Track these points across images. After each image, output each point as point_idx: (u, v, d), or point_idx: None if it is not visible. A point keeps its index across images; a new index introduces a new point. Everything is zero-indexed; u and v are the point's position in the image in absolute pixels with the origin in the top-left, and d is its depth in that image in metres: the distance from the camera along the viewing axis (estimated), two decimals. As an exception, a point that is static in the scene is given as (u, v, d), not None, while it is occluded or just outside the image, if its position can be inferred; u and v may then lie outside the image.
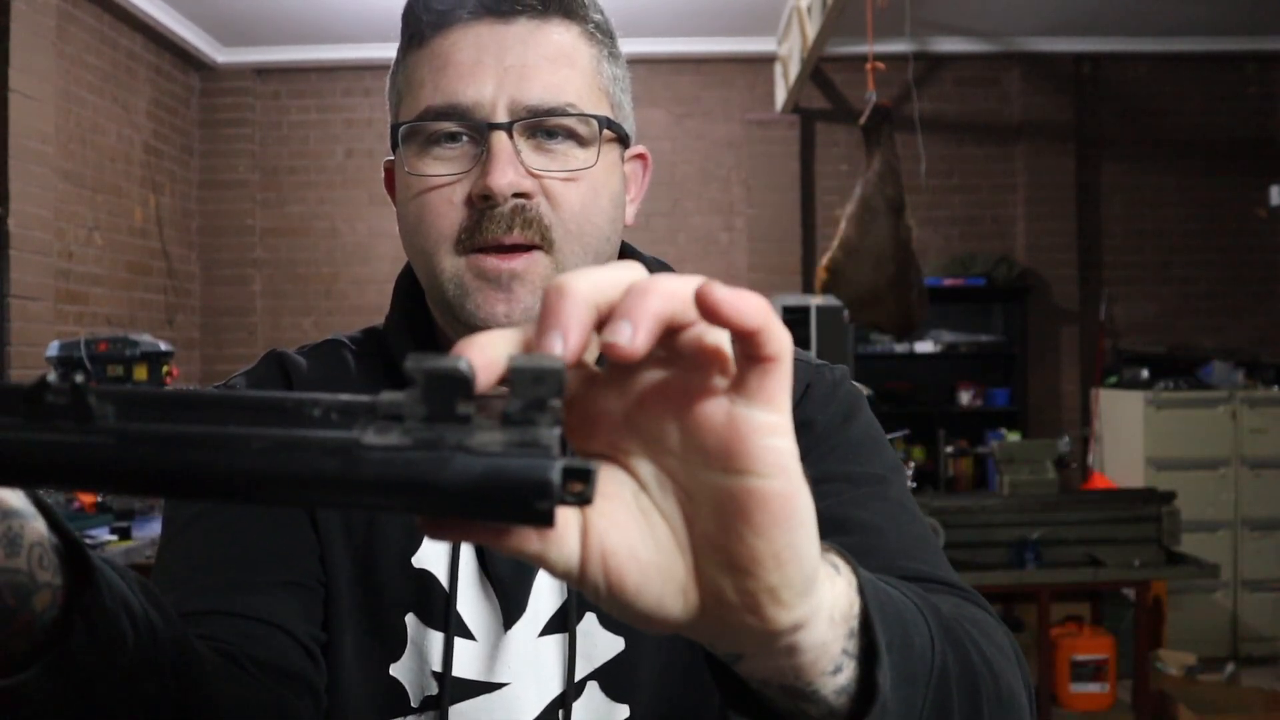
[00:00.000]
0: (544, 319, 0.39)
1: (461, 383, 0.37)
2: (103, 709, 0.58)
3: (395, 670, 0.84)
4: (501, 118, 0.81)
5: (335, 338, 0.96)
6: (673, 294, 0.39)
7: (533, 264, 0.81)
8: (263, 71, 6.46)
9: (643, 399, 0.43)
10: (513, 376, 0.38)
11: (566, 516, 0.41)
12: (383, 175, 0.94)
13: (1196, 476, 5.47)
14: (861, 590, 0.50)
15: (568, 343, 0.38)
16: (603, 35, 0.87)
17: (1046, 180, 6.45)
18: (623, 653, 0.84)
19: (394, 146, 0.87)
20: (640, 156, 0.94)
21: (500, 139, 0.80)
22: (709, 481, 0.41)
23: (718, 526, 0.41)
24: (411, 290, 0.92)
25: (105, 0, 5.24)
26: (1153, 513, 4.02)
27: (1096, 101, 6.56)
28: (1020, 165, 6.51)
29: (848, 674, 0.49)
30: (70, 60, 5.02)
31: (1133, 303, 6.55)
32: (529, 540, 0.41)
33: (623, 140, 0.89)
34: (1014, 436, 5.85)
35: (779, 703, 0.49)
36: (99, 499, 3.60)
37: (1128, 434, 5.78)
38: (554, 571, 0.42)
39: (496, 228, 0.81)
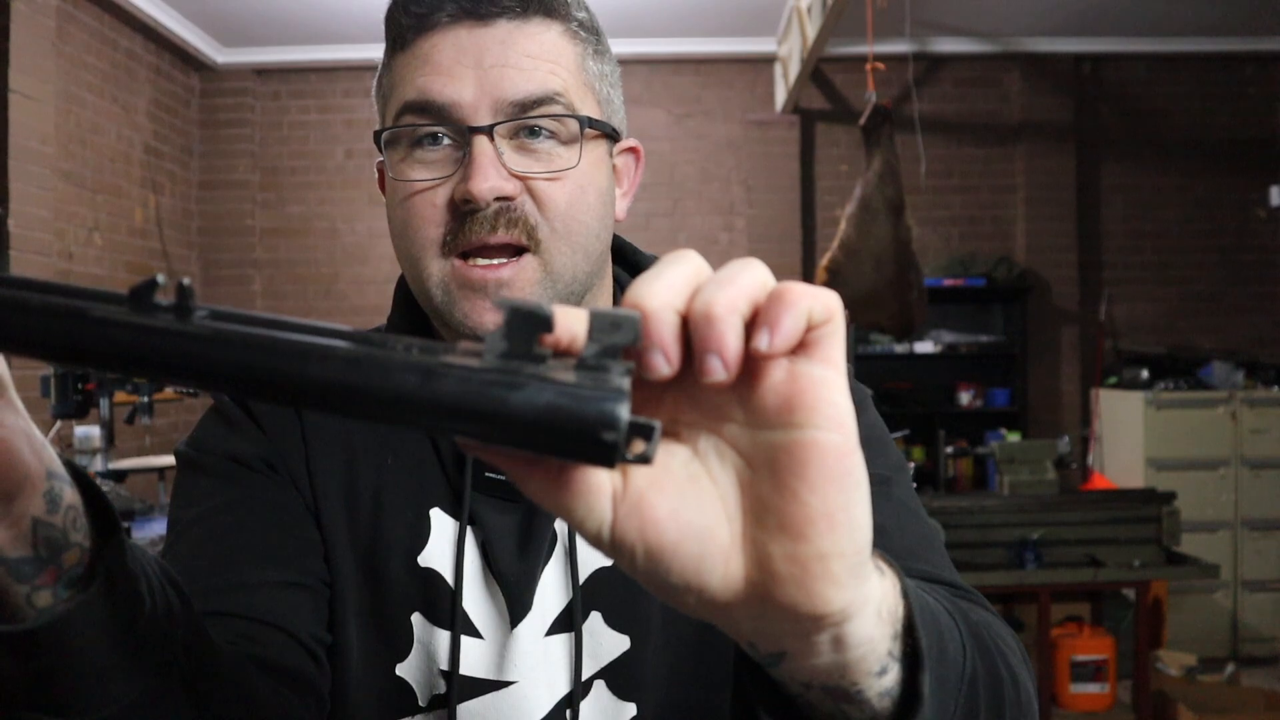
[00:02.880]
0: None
1: (542, 321, 0.39)
2: (113, 668, 0.59)
3: (402, 670, 0.84)
4: (483, 120, 0.81)
5: None
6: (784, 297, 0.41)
7: (520, 270, 0.82)
8: (263, 72, 6.46)
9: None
10: (592, 322, 0.40)
11: (600, 475, 0.41)
12: (376, 176, 0.94)
13: (1196, 477, 5.47)
14: (905, 594, 0.49)
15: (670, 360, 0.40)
16: (586, 33, 0.87)
17: (1046, 180, 6.44)
18: (628, 651, 0.84)
19: (380, 151, 0.88)
20: (632, 150, 0.94)
21: (481, 143, 0.80)
22: (767, 440, 0.42)
23: (772, 486, 0.42)
24: (411, 293, 0.93)
25: (105, 1, 5.24)
26: (1153, 513, 4.02)
27: (1096, 102, 6.56)
28: (1020, 165, 6.50)
29: (893, 676, 0.48)
30: (70, 61, 5.02)
31: (1133, 303, 6.55)
32: (563, 491, 0.41)
33: (611, 135, 0.89)
34: (1014, 437, 5.86)
35: (820, 706, 0.48)
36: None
37: (1128, 434, 5.78)
38: (584, 530, 0.42)
39: (480, 229, 0.81)
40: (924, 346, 6.20)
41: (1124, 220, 6.57)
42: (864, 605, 0.44)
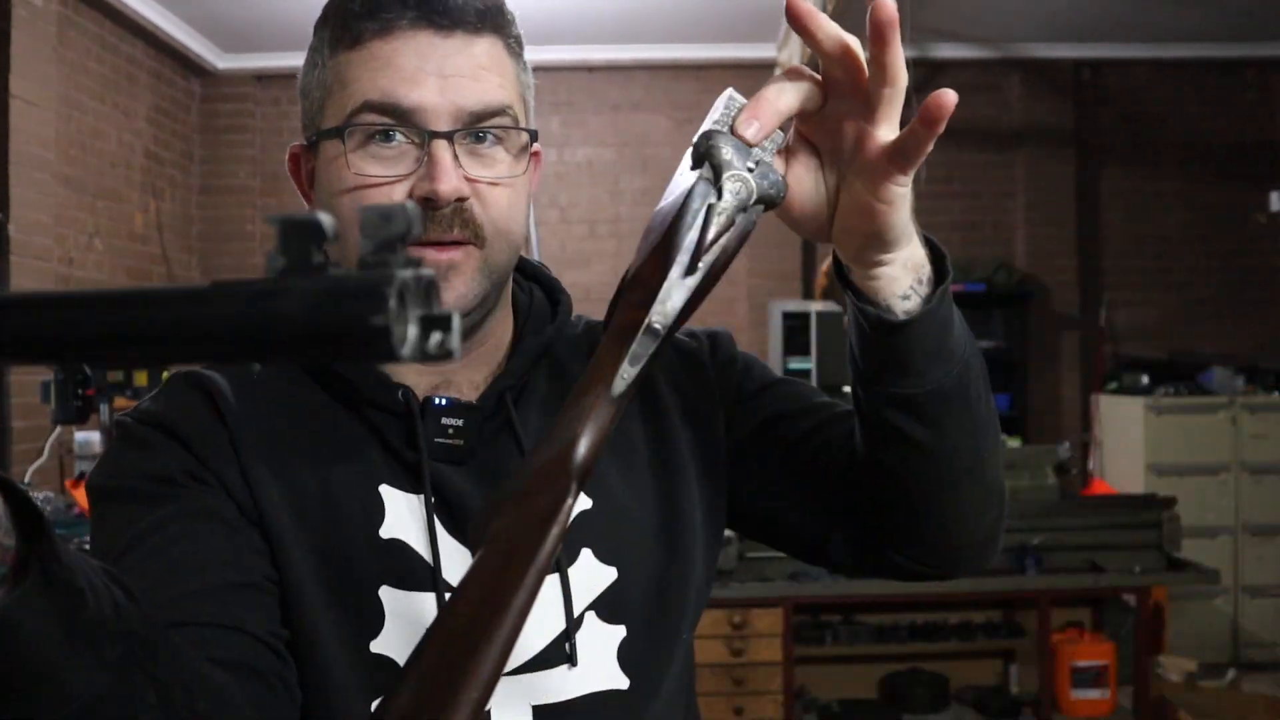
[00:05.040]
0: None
1: (316, 231, 0.39)
2: (65, 664, 0.60)
3: (376, 646, 0.85)
4: (443, 125, 0.86)
5: None
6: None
7: (467, 256, 0.88)
8: (263, 77, 6.46)
9: (837, 119, 0.78)
10: (361, 217, 0.40)
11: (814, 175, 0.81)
12: (288, 161, 0.96)
13: (1197, 482, 5.47)
14: (936, 262, 0.83)
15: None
16: (519, 47, 0.93)
17: (1046, 186, 6.45)
18: (615, 582, 0.91)
19: (313, 140, 0.91)
20: (535, 154, 1.00)
21: (444, 147, 0.86)
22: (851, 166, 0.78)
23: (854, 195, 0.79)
24: None
25: (106, 6, 5.24)
26: (1153, 518, 4.01)
27: (1096, 107, 6.57)
28: (1020, 171, 6.51)
29: (914, 302, 0.80)
30: (71, 66, 5.02)
31: (1133, 308, 6.55)
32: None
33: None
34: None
35: (873, 296, 0.80)
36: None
37: (1128, 439, 5.77)
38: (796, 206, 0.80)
39: (439, 226, 0.86)
40: (924, 352, 6.19)
41: (1124, 225, 6.58)
42: (892, 258, 0.79)
